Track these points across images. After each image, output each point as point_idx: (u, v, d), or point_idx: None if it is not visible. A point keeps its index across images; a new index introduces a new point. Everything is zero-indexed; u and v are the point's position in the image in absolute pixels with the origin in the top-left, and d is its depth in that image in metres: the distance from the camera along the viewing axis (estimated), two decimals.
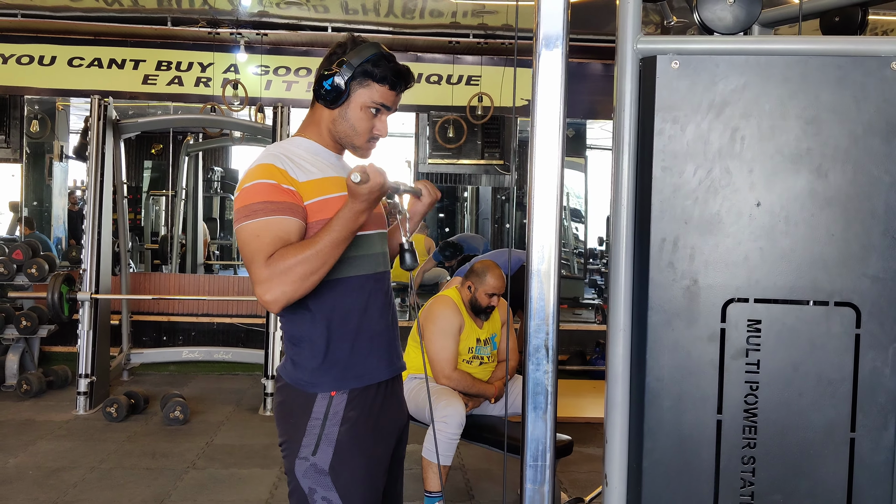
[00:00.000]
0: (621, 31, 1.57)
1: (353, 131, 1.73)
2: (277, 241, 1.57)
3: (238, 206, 1.62)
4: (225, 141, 7.83)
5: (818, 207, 1.50)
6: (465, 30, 6.25)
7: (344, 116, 1.72)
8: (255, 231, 1.58)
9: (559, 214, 1.59)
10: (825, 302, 1.51)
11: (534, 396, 1.60)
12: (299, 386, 1.69)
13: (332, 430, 1.67)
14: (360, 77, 1.69)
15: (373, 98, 1.71)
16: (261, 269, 1.55)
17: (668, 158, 1.53)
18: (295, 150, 1.71)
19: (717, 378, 1.54)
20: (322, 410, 1.66)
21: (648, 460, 1.56)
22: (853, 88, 1.49)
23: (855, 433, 1.51)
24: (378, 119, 1.74)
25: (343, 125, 1.73)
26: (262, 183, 1.61)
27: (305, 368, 1.68)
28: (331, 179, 1.70)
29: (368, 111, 1.71)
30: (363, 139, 1.74)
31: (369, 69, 1.69)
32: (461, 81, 6.64)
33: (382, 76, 1.70)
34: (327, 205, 1.65)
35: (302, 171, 1.65)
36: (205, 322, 6.63)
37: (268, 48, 6.50)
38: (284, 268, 1.54)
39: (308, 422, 1.68)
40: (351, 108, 1.71)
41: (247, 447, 4.29)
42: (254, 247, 1.57)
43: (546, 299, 1.59)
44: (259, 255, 1.56)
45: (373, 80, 1.70)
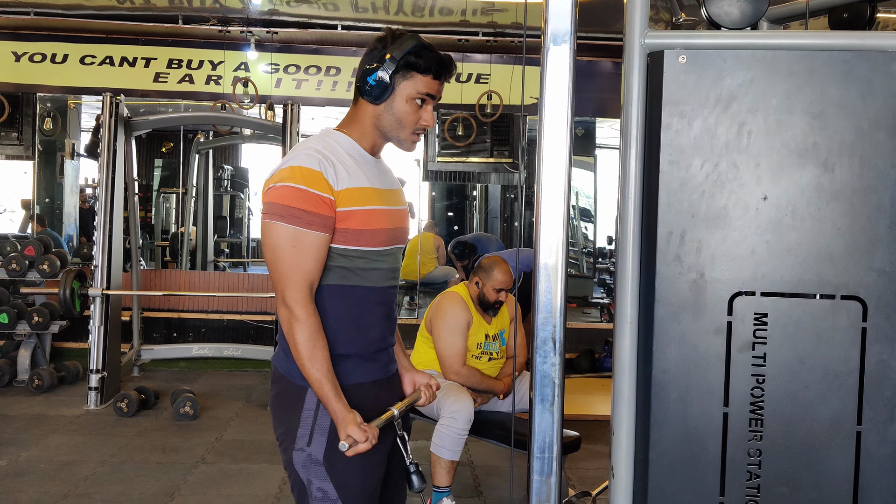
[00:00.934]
0: (629, 27, 1.58)
1: (399, 124, 1.74)
2: (315, 261, 1.66)
3: (273, 199, 1.64)
4: (235, 139, 7.86)
5: (824, 201, 1.51)
6: (475, 28, 6.25)
7: (390, 110, 1.73)
8: (291, 238, 1.63)
9: (567, 209, 1.61)
10: (831, 295, 1.52)
11: (541, 389, 1.62)
12: (292, 377, 1.71)
13: (324, 420, 1.68)
14: (403, 69, 1.70)
15: (418, 89, 1.72)
16: (293, 296, 1.64)
17: (675, 152, 1.54)
18: (338, 147, 1.73)
19: (723, 371, 1.55)
20: (314, 400, 1.67)
21: (655, 452, 1.57)
22: (859, 83, 1.50)
23: (861, 426, 1.52)
24: (424, 110, 1.75)
25: (389, 119, 1.74)
26: (303, 190, 1.63)
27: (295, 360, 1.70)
28: (365, 191, 1.72)
29: (414, 103, 1.72)
30: (409, 131, 1.76)
31: (412, 60, 1.70)
32: (470, 79, 6.65)
33: (426, 66, 1.71)
34: (355, 216, 1.69)
35: (340, 178, 1.68)
36: (215, 319, 6.66)
37: (278, 46, 6.53)
38: (297, 328, 1.63)
39: (301, 412, 1.70)
40: (397, 102, 1.72)
41: (256, 443, 4.32)
42: (292, 261, 1.63)
43: (553, 293, 1.60)
44: (298, 278, 1.64)
45: (417, 70, 1.71)
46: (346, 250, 1.71)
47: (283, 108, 5.34)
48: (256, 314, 6.65)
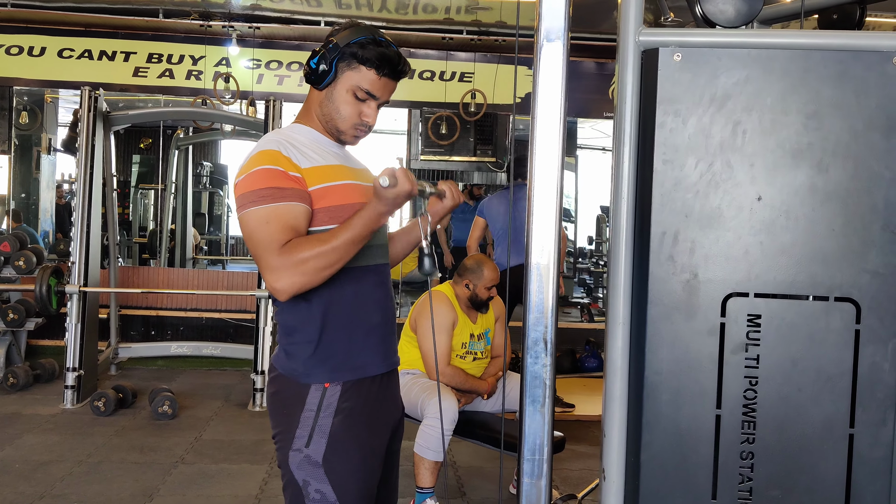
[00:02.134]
0: (623, 24, 1.56)
1: (338, 114, 1.70)
2: (289, 228, 1.56)
3: (242, 191, 1.60)
4: (215, 135, 7.79)
5: (819, 202, 1.50)
6: (459, 26, 6.23)
7: (330, 98, 1.69)
8: (265, 217, 1.56)
9: (559, 208, 1.59)
10: (825, 297, 1.50)
11: (531, 390, 1.59)
12: (293, 376, 1.67)
13: (325, 422, 1.65)
14: (347, 59, 1.66)
15: (358, 83, 1.67)
16: (273, 256, 1.53)
17: (669, 151, 1.52)
18: (296, 136, 1.70)
19: (716, 372, 1.53)
20: (315, 402, 1.64)
21: (646, 454, 1.55)
22: (854, 83, 1.49)
23: (854, 429, 1.51)
24: (366, 105, 1.70)
25: (328, 107, 1.70)
26: (268, 169, 1.59)
27: (299, 358, 1.66)
28: (334, 167, 1.68)
29: (353, 96, 1.68)
30: (347, 124, 1.71)
31: (356, 51, 1.65)
32: (454, 78, 6.63)
33: (368, 59, 1.66)
34: (330, 192, 1.64)
35: (305, 158, 1.64)
36: (193, 317, 6.59)
37: (260, 42, 6.47)
38: (299, 259, 1.52)
39: (301, 413, 1.66)
40: (336, 90, 1.68)
41: (236, 442, 4.27)
42: (264, 234, 1.55)
43: (545, 293, 1.57)
44: (271, 242, 1.54)
45: (359, 62, 1.66)
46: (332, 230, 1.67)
47: (264, 104, 5.28)
48: (236, 312, 6.59)
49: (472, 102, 6.35)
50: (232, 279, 6.77)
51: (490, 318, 3.54)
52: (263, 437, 4.36)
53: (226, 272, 7.37)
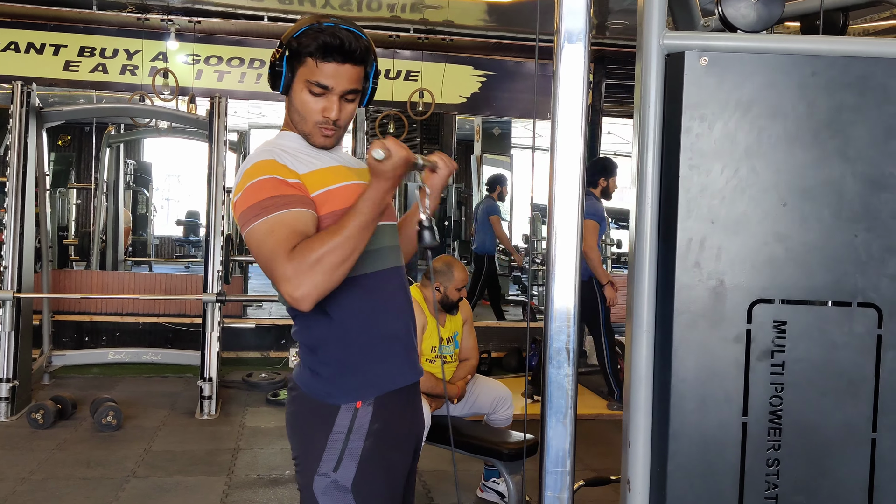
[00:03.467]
0: (646, 26, 1.53)
1: (299, 116, 1.60)
2: (296, 234, 1.46)
3: (243, 207, 1.51)
4: (150, 132, 7.50)
5: (842, 208, 1.50)
6: (406, 24, 6.16)
7: (293, 101, 1.60)
8: (269, 227, 1.46)
9: (581, 215, 1.55)
10: (848, 303, 1.51)
11: (555, 400, 1.55)
12: (319, 396, 1.58)
13: (356, 445, 1.56)
14: (295, 54, 1.56)
15: (312, 76, 1.56)
16: (284, 264, 1.42)
17: (695, 157, 1.50)
18: (286, 143, 1.61)
19: (742, 380, 1.52)
20: (346, 423, 1.56)
21: (673, 463, 1.53)
22: (876, 90, 1.49)
23: (876, 433, 1.52)
24: (325, 99, 1.58)
25: (292, 111, 1.62)
26: (267, 179, 1.50)
27: (325, 377, 1.57)
28: (332, 169, 1.60)
29: (309, 92, 1.57)
30: (310, 124, 1.60)
31: (301, 42, 1.55)
32: (400, 76, 6.55)
33: (309, 48, 1.54)
34: (333, 195, 1.56)
35: (301, 163, 1.56)
36: (130, 322, 6.34)
37: (199, 36, 6.25)
38: (313, 259, 1.41)
39: (330, 435, 1.57)
40: (295, 91, 1.59)
41: (189, 453, 4.10)
42: (271, 244, 1.45)
43: (567, 300, 1.53)
44: (279, 250, 1.43)
45: (307, 55, 1.55)
46: None
47: (209, 101, 5.10)
48: (175, 316, 6.36)
49: (419, 101, 6.29)
50: (171, 282, 6.53)
51: (458, 320, 3.49)
52: (217, 447, 4.21)
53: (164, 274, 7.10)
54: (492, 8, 6.01)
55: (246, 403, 5.21)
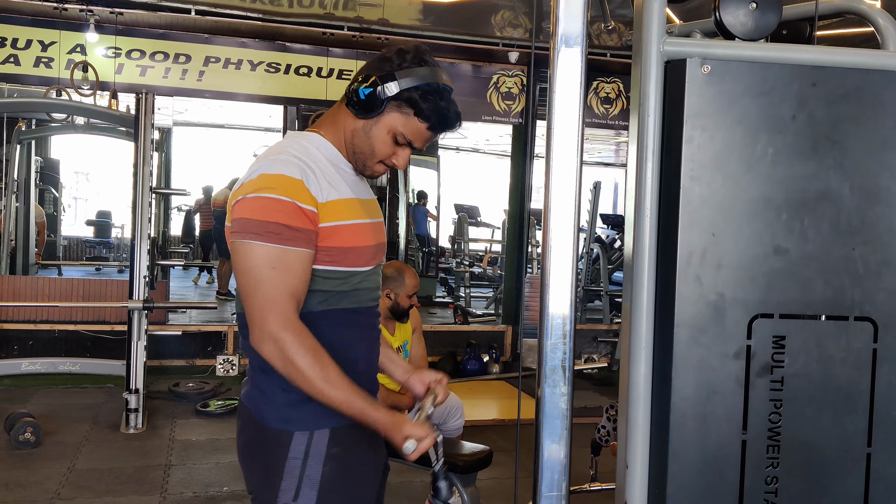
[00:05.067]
0: (646, 32, 1.48)
1: (371, 152, 1.53)
2: (298, 283, 1.42)
3: (249, 214, 1.40)
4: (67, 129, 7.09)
5: (840, 221, 1.48)
6: (340, 22, 6.00)
7: (367, 132, 1.51)
8: (272, 260, 1.39)
9: (576, 225, 1.48)
10: (845, 317, 1.49)
11: (549, 421, 1.47)
12: (271, 423, 1.48)
13: (314, 471, 1.47)
14: (403, 101, 1.48)
15: (405, 129, 1.50)
16: (277, 323, 1.39)
17: (696, 167, 1.45)
18: (317, 154, 1.50)
19: (742, 396, 1.48)
20: (301, 449, 1.46)
21: (673, 485, 1.48)
22: (873, 102, 1.48)
23: (871, 448, 1.51)
24: (401, 149, 1.53)
25: (362, 140, 1.52)
26: (285, 201, 1.40)
27: (279, 402, 1.47)
28: (349, 202, 1.51)
29: (393, 138, 1.51)
30: (375, 161, 1.54)
31: (416, 98, 1.47)
32: (332, 75, 6.38)
33: (426, 115, 1.49)
34: (340, 232, 1.47)
35: (323, 188, 1.45)
36: (44, 329, 5.97)
37: (121, 29, 5.93)
38: (294, 357, 1.39)
39: (286, 462, 1.47)
40: (378, 127, 1.50)
41: (117, 471, 3.86)
42: (270, 282, 1.39)
43: (563, 316, 1.46)
44: (279, 303, 1.39)
45: (414, 111, 1.49)
46: (331, 272, 1.49)
47: (135, 98, 4.84)
48: (93, 324, 6.03)
49: None
50: (90, 287, 6.19)
51: (408, 329, 3.39)
52: (147, 463, 3.98)
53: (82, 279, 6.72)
54: (427, 8, 5.93)
55: (174, 415, 4.97)
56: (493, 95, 6.86)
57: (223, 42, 6.20)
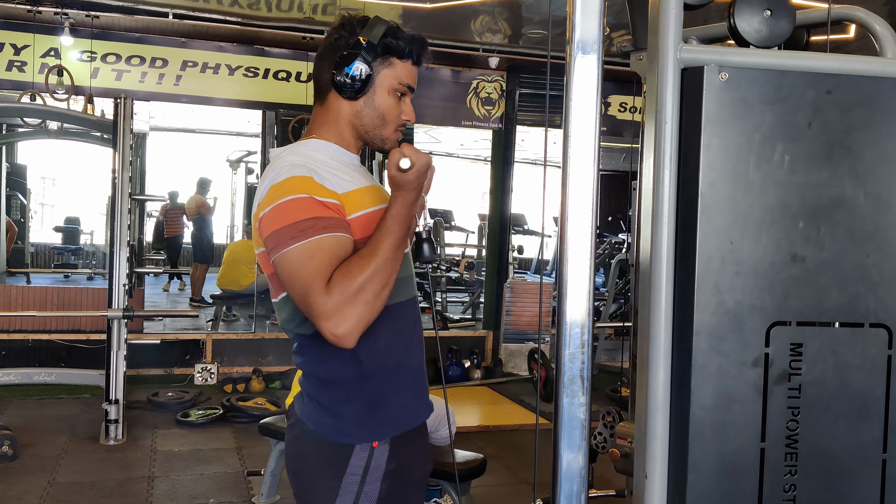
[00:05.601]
0: (662, 39, 1.47)
1: (383, 121, 1.51)
2: (336, 262, 1.34)
3: (276, 225, 1.36)
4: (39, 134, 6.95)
5: (855, 229, 1.48)
6: (320, 26, 5.96)
7: (371, 105, 1.49)
8: (308, 252, 1.33)
9: (593, 235, 1.47)
10: (861, 324, 1.50)
11: (569, 432, 1.46)
12: (330, 436, 1.44)
13: (372, 488, 1.44)
14: (382, 55, 1.47)
15: (399, 78, 1.49)
16: (323, 299, 1.30)
17: (714, 175, 1.45)
18: (318, 156, 1.47)
19: (760, 404, 1.48)
20: (361, 464, 1.42)
21: (692, 494, 1.47)
22: (882, 110, 1.49)
23: (886, 454, 1.51)
24: (403, 103, 1.52)
25: (370, 116, 1.50)
26: (304, 198, 1.36)
27: (339, 414, 1.43)
28: (368, 189, 1.48)
29: (395, 94, 1.49)
30: (392, 128, 1.52)
31: (391, 43, 1.47)
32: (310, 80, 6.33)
33: (406, 50, 1.49)
34: (370, 219, 1.43)
35: (336, 182, 1.42)
36: (17, 339, 5.84)
37: (96, 32, 5.84)
38: (354, 289, 1.29)
39: (343, 478, 1.44)
40: (378, 95, 1.49)
41: (99, 484, 3.78)
42: (309, 272, 1.32)
43: (581, 325, 1.44)
44: (317, 282, 1.31)
45: (397, 56, 1.48)
46: None
47: (113, 103, 4.75)
48: (68, 333, 5.91)
49: None
50: (65, 296, 6.07)
51: None
52: (130, 476, 3.90)
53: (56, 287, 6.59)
54: (408, 13, 5.90)
55: (154, 425, 4.89)
56: (473, 100, 6.86)
57: (201, 46, 6.13)
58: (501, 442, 4.64)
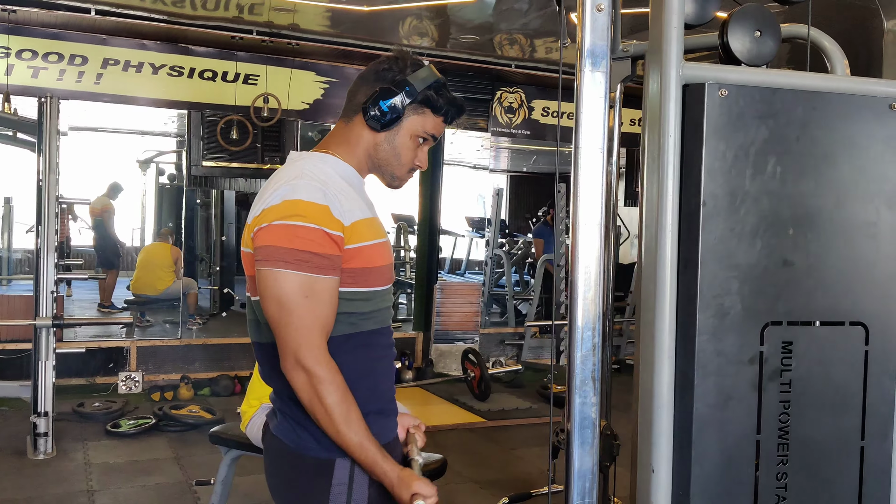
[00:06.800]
0: (665, 57, 1.55)
1: (397, 160, 1.55)
2: (329, 317, 1.42)
3: (276, 242, 1.37)
4: None
5: (836, 235, 1.61)
6: (249, 26, 5.86)
7: (391, 142, 1.53)
8: (304, 289, 1.38)
9: (601, 237, 1.54)
10: (841, 322, 1.62)
11: (581, 431, 1.52)
12: (309, 451, 1.45)
13: (360, 495, 1.46)
14: (419, 103, 1.52)
15: (425, 128, 1.54)
16: (309, 354, 1.38)
17: (715, 185, 1.54)
18: (333, 174, 1.48)
19: (756, 400, 1.59)
20: (345, 474, 1.44)
21: (696, 487, 1.56)
22: (862, 125, 1.62)
23: (864, 441, 1.65)
24: (421, 149, 1.58)
25: (387, 151, 1.54)
26: (314, 229, 1.39)
27: (314, 430, 1.44)
28: (370, 222, 1.51)
29: (416, 140, 1.55)
30: (405, 169, 1.58)
31: (431, 96, 1.52)
32: (238, 79, 6.21)
33: (441, 108, 1.54)
34: (363, 253, 1.47)
35: (346, 211, 1.44)
36: None
37: (11, 27, 5.55)
38: (323, 391, 1.38)
39: (331, 490, 1.45)
40: (400, 135, 1.53)
41: (36, 500, 3.62)
42: (304, 311, 1.38)
43: (592, 328, 1.52)
44: (313, 335, 1.39)
45: (431, 109, 1.53)
46: (355, 293, 1.48)
47: (38, 102, 4.54)
48: None
49: (264, 107, 6.00)
50: None
51: None
52: (67, 490, 3.75)
53: None
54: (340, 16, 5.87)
55: (83, 437, 4.69)
56: None
57: (122, 44, 5.91)
58: (442, 442, 4.68)
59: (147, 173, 11.43)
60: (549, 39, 6.30)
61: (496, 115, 7.22)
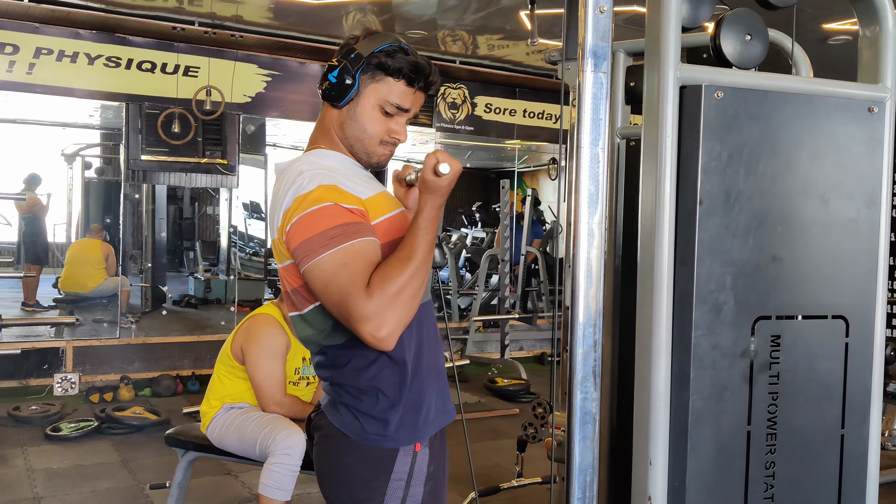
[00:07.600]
0: (664, 59, 1.58)
1: (364, 133, 1.50)
2: (371, 266, 1.34)
3: (306, 235, 1.34)
4: None
5: (822, 232, 1.67)
6: (191, 16, 5.72)
7: (353, 116, 1.49)
8: (342, 259, 1.32)
9: (601, 235, 1.56)
10: (824, 315, 1.69)
11: (582, 426, 1.55)
12: (373, 442, 1.43)
13: (416, 491, 1.45)
14: (371, 70, 1.47)
15: (386, 97, 1.48)
16: (364, 302, 1.29)
17: (711, 185, 1.59)
18: (331, 164, 1.46)
19: (747, 392, 1.64)
20: (405, 468, 1.42)
21: (692, 477, 1.61)
22: (845, 126, 1.69)
23: (844, 429, 1.72)
24: (394, 121, 1.52)
25: (352, 127, 1.50)
26: (331, 206, 1.35)
27: (377, 419, 1.42)
28: (384, 195, 1.49)
29: (381, 110, 1.49)
30: (375, 143, 1.52)
31: (382, 60, 1.47)
32: (178, 71, 6.05)
33: (398, 69, 1.48)
34: (391, 224, 1.45)
35: (357, 189, 1.42)
36: None
37: None
38: (394, 292, 1.30)
39: (388, 483, 1.43)
40: (360, 107, 1.49)
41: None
42: (345, 278, 1.31)
43: (594, 325, 1.54)
44: (355, 286, 1.31)
45: (387, 73, 1.48)
46: None
47: None
48: None
49: (207, 100, 5.86)
50: None
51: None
52: (12, 498, 3.59)
53: None
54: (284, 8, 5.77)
55: (21, 442, 4.51)
56: None
57: (56, 32, 5.69)
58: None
59: (73, 167, 11.04)
60: (493, 36, 6.34)
61: (440, 110, 7.24)
